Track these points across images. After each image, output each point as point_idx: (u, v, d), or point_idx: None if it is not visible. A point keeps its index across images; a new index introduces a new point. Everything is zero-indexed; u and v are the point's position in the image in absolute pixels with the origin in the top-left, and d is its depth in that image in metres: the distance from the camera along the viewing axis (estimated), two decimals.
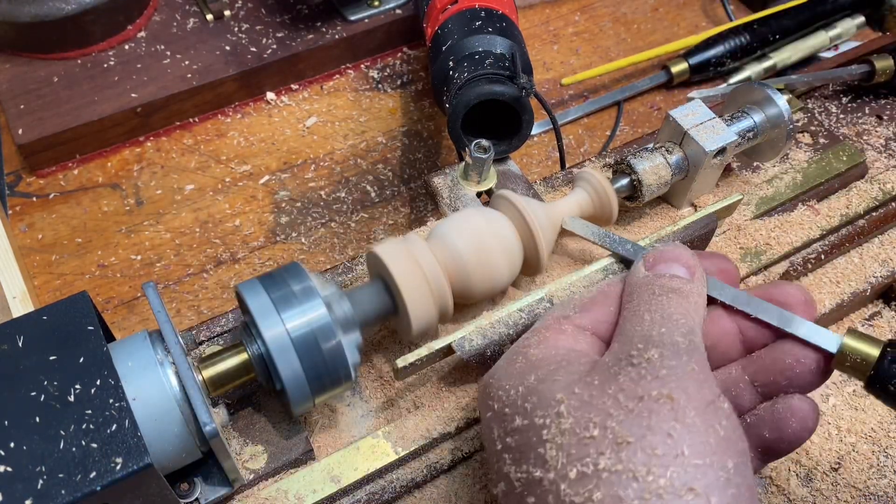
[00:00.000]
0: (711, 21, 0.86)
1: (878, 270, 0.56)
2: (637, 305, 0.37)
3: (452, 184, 0.52)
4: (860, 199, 0.57)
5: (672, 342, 0.34)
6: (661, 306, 0.36)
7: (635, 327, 0.35)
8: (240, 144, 0.72)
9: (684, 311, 0.36)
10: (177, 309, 0.61)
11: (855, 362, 0.36)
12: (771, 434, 0.37)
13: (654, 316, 0.35)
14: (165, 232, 0.66)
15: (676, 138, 0.51)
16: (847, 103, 0.67)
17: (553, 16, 0.85)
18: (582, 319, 0.38)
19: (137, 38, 0.74)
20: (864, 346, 0.36)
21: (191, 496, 0.40)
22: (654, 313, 0.35)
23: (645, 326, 0.35)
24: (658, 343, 0.33)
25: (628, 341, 0.34)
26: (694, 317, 0.36)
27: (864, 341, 0.37)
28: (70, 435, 0.33)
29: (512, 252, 0.44)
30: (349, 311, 0.40)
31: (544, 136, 0.74)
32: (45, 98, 0.69)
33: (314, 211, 0.67)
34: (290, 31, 0.75)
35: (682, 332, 0.34)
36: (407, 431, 0.44)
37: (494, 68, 0.52)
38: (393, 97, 0.77)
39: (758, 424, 0.38)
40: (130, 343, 0.38)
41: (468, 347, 0.42)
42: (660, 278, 0.38)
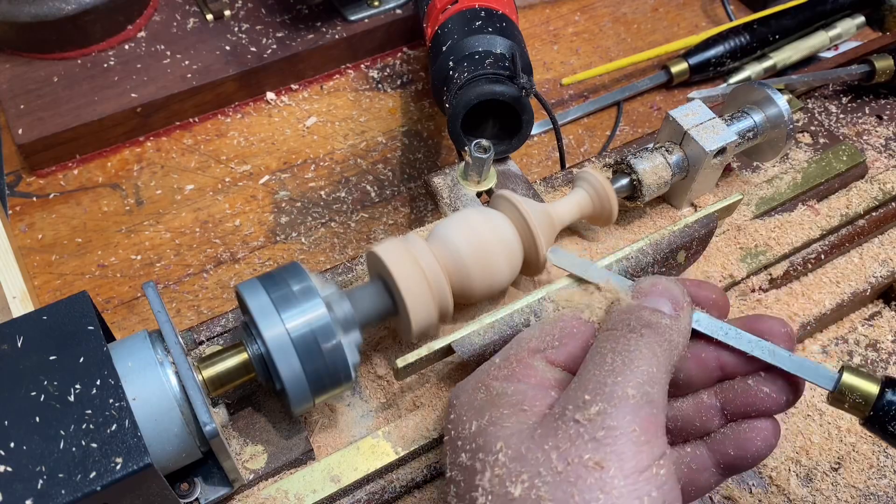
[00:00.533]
0: (711, 21, 0.86)
1: (878, 270, 0.56)
2: (605, 340, 0.35)
3: (452, 184, 0.52)
4: (860, 199, 0.57)
5: (622, 395, 0.32)
6: (628, 347, 0.34)
7: (593, 371, 0.34)
8: (240, 144, 0.72)
9: (652, 352, 0.34)
10: (177, 309, 0.61)
11: (853, 401, 0.36)
12: (735, 452, 0.37)
13: (616, 359, 0.34)
14: (165, 232, 0.66)
15: (676, 138, 0.51)
16: (847, 103, 0.67)
17: (553, 16, 0.85)
18: (557, 356, 0.37)
19: (137, 38, 0.74)
20: (862, 383, 0.35)
21: (191, 496, 0.40)
22: (617, 355, 0.34)
23: (603, 371, 0.33)
24: (606, 396, 0.32)
25: (582, 388, 0.33)
26: (661, 360, 0.34)
27: (862, 378, 0.36)
28: (70, 435, 0.33)
29: (512, 252, 0.44)
30: (349, 311, 0.40)
31: (544, 136, 0.74)
32: (45, 98, 0.69)
33: (314, 211, 0.67)
34: (290, 31, 0.75)
35: (637, 383, 0.33)
36: (407, 431, 0.44)
37: (494, 68, 0.52)
38: (393, 97, 0.77)
39: (722, 442, 0.37)
40: (130, 343, 0.38)
41: (468, 347, 0.42)
42: (641, 310, 0.36)
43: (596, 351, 0.35)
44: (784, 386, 0.37)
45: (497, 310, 0.43)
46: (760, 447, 0.37)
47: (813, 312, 0.54)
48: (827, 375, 0.36)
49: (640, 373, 0.33)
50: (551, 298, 0.43)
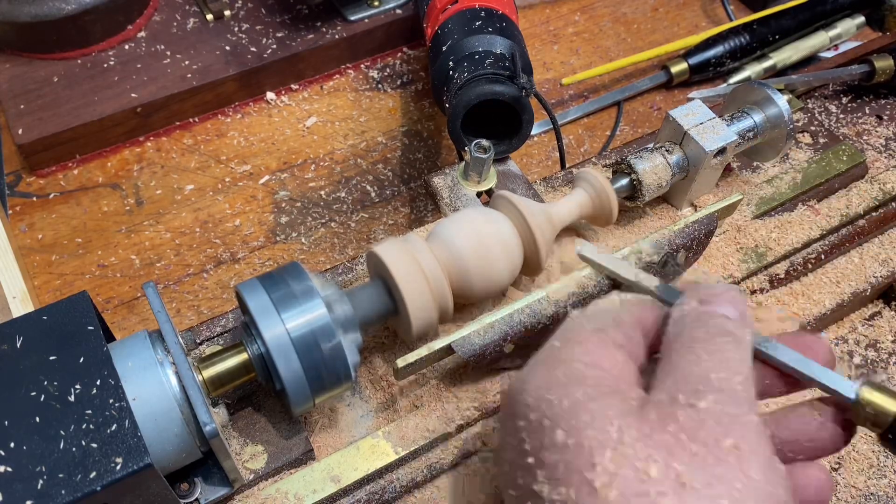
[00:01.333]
0: (711, 21, 0.86)
1: (878, 270, 0.56)
2: (690, 341, 0.34)
3: (452, 184, 0.52)
4: (860, 199, 0.57)
5: (732, 389, 0.32)
6: (719, 348, 0.33)
7: (692, 366, 0.33)
8: (240, 144, 0.72)
9: (740, 357, 0.33)
10: (177, 309, 0.61)
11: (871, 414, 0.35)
12: None
13: (713, 357, 0.33)
14: (165, 232, 0.66)
15: (676, 138, 0.51)
16: (847, 103, 0.67)
17: (553, 16, 0.85)
18: (617, 336, 0.36)
19: (137, 38, 0.74)
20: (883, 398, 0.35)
21: (191, 496, 0.40)
22: (713, 355, 0.33)
23: (703, 367, 0.33)
24: (718, 388, 0.31)
25: (683, 379, 0.32)
26: (748, 364, 0.34)
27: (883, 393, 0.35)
28: (70, 435, 0.33)
29: (512, 252, 0.44)
30: (349, 311, 0.40)
31: (544, 136, 0.74)
32: (45, 98, 0.69)
33: (314, 211, 0.67)
34: (290, 31, 0.75)
35: (740, 381, 0.32)
36: (407, 431, 0.44)
37: (494, 68, 0.52)
38: (393, 97, 0.77)
39: None
40: (130, 343, 0.38)
41: (468, 347, 0.42)
42: (714, 317, 0.35)
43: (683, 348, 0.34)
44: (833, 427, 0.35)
45: (497, 310, 0.43)
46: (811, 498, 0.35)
47: (813, 312, 0.54)
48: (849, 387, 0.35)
49: (739, 372, 0.33)
50: (550, 297, 0.43)
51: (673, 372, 0.33)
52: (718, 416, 0.30)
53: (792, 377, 0.36)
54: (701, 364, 0.33)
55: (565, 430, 0.31)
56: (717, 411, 0.30)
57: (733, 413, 0.31)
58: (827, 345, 0.37)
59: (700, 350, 0.34)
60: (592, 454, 0.29)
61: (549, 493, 0.30)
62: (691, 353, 0.34)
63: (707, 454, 0.29)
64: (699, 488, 0.28)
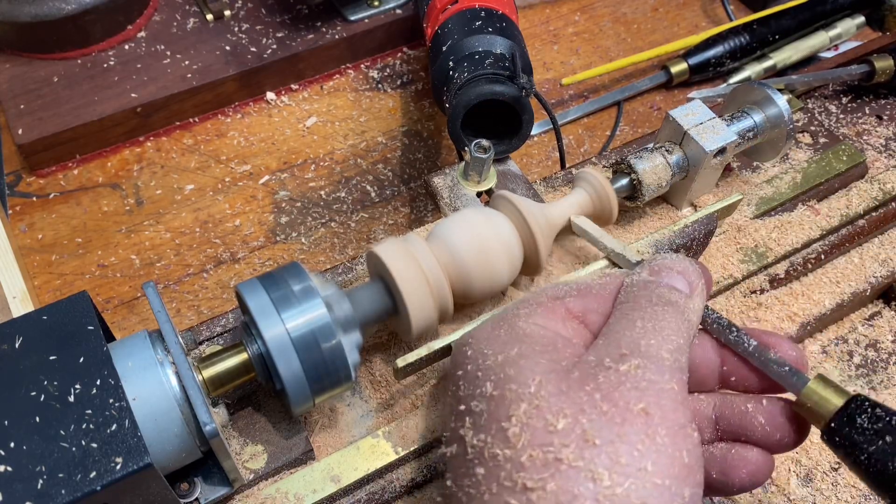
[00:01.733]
0: (711, 21, 0.86)
1: (878, 270, 0.56)
2: (631, 308, 0.36)
3: (452, 184, 0.52)
4: (860, 199, 0.57)
5: (658, 356, 0.33)
6: (656, 316, 0.35)
7: (625, 330, 0.34)
8: (240, 144, 0.72)
9: (677, 327, 0.35)
10: (177, 309, 0.61)
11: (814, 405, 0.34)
12: (718, 476, 0.37)
13: (647, 325, 0.34)
14: (165, 232, 0.66)
15: (676, 138, 0.51)
16: (847, 103, 0.67)
17: (553, 16, 0.85)
18: (574, 305, 0.38)
19: (137, 38, 0.74)
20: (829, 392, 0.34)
21: (191, 496, 0.40)
22: (647, 322, 0.35)
23: (635, 333, 0.34)
24: (644, 354, 0.33)
25: (615, 343, 0.34)
26: (684, 335, 0.35)
27: (831, 388, 0.35)
28: (70, 435, 0.33)
29: (512, 252, 0.44)
30: (349, 311, 0.40)
31: (544, 136, 0.74)
32: (45, 98, 0.69)
33: (314, 211, 0.68)
34: (290, 31, 0.75)
35: (669, 349, 0.34)
36: (407, 431, 0.44)
37: (494, 68, 0.52)
38: (393, 97, 0.77)
39: (708, 461, 0.37)
40: (130, 343, 0.38)
41: None
42: (660, 287, 0.37)
43: (622, 314, 0.36)
44: (783, 423, 0.36)
45: (497, 310, 0.43)
46: (745, 480, 0.36)
47: (813, 312, 0.54)
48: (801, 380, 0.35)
49: (671, 341, 0.34)
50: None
51: (608, 334, 0.35)
52: (636, 381, 0.32)
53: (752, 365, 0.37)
54: (634, 330, 0.34)
55: (493, 382, 0.33)
56: (636, 376, 0.32)
57: (652, 379, 0.32)
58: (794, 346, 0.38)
59: (637, 317, 0.35)
60: (510, 405, 0.32)
61: (470, 439, 0.32)
62: (627, 318, 0.35)
63: (616, 414, 0.31)
64: (600, 444, 0.30)
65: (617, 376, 0.32)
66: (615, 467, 0.29)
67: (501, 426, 0.31)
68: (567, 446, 0.30)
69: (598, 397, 0.31)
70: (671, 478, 0.30)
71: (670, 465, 0.30)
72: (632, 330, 0.34)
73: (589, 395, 0.31)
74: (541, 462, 0.30)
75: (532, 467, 0.30)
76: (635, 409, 0.31)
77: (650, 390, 0.32)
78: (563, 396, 0.31)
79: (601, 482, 0.29)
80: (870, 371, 0.55)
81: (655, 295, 0.36)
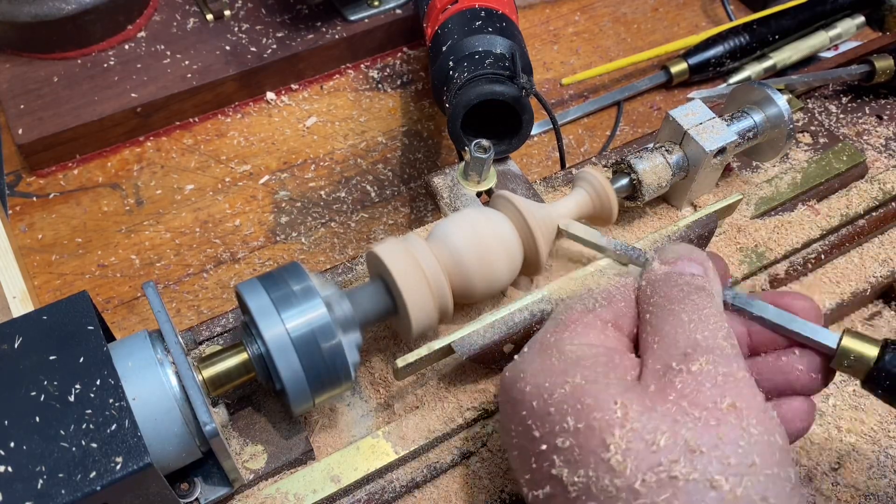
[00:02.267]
0: (711, 21, 0.86)
1: (878, 270, 0.56)
2: (668, 303, 0.36)
3: (452, 184, 0.52)
4: (860, 199, 0.57)
5: (719, 347, 0.33)
6: (695, 306, 0.35)
7: (676, 329, 0.34)
8: (240, 144, 0.72)
9: (716, 311, 0.35)
10: (177, 309, 0.61)
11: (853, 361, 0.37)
12: None
13: (692, 317, 0.35)
14: (165, 232, 0.66)
15: (676, 138, 0.51)
16: (847, 103, 0.67)
17: (553, 16, 0.85)
18: (606, 314, 0.38)
19: (137, 38, 0.74)
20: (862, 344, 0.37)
21: (191, 496, 0.40)
22: (692, 314, 0.35)
23: (686, 328, 0.34)
24: (706, 348, 0.33)
25: (671, 343, 0.34)
26: (723, 316, 0.36)
27: (863, 340, 0.37)
28: (70, 435, 0.33)
29: (512, 252, 0.44)
30: (349, 311, 0.40)
31: (544, 136, 0.74)
32: (45, 98, 0.69)
33: (314, 211, 0.67)
34: (290, 31, 0.75)
35: (723, 336, 0.34)
36: (407, 431, 0.44)
37: (494, 68, 0.52)
38: (393, 97, 0.77)
39: None
40: (130, 343, 0.38)
41: (468, 347, 0.42)
42: (683, 276, 0.37)
43: (663, 312, 0.36)
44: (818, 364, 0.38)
45: (497, 310, 0.43)
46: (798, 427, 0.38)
47: None
48: (831, 337, 0.38)
49: (719, 327, 0.34)
50: (550, 297, 0.43)
51: (659, 337, 0.35)
52: (713, 377, 0.32)
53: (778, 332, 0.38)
54: (684, 325, 0.34)
55: (573, 414, 0.32)
56: (710, 372, 0.32)
57: (725, 372, 0.32)
58: (811, 301, 0.39)
59: (679, 311, 0.35)
60: (602, 434, 0.31)
61: (569, 477, 0.31)
62: (671, 314, 0.35)
63: (709, 417, 0.30)
64: (707, 451, 0.29)
65: (693, 378, 0.32)
66: (728, 470, 0.29)
67: (601, 457, 0.30)
68: (677, 462, 0.29)
69: (686, 404, 0.31)
70: (776, 465, 0.30)
71: (771, 453, 0.30)
72: (681, 326, 0.34)
73: (675, 403, 0.31)
74: (656, 483, 0.29)
75: (650, 491, 0.29)
76: (723, 406, 0.31)
77: (728, 384, 0.32)
78: (652, 413, 0.31)
79: (721, 488, 0.28)
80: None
81: (684, 284, 0.37)
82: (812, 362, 0.38)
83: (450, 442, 0.45)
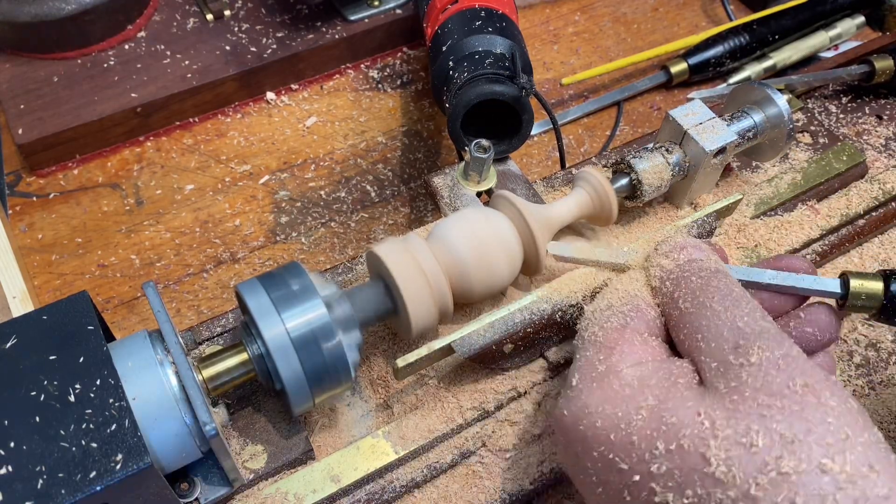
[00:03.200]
0: (711, 21, 0.86)
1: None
2: (694, 296, 0.36)
3: (452, 184, 0.52)
4: (860, 199, 0.57)
5: (763, 329, 0.33)
6: (722, 292, 0.35)
7: (715, 322, 0.34)
8: (240, 144, 0.72)
9: (740, 290, 0.35)
10: (177, 309, 0.61)
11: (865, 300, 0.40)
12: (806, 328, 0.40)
13: (725, 304, 0.34)
14: (165, 232, 0.66)
15: (676, 138, 0.51)
16: (847, 103, 0.67)
17: (553, 16, 0.85)
18: (640, 325, 0.37)
19: (137, 38, 0.74)
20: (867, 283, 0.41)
21: (191, 496, 0.40)
22: (722, 301, 0.35)
23: (725, 318, 0.34)
24: (752, 334, 0.33)
25: (720, 338, 0.33)
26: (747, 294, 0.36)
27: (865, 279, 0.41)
28: (70, 435, 0.33)
29: (512, 252, 0.44)
30: (349, 311, 0.40)
31: (544, 136, 0.74)
32: (45, 98, 0.69)
33: (314, 211, 0.67)
34: (290, 31, 0.75)
35: (761, 315, 0.34)
36: (407, 431, 0.44)
37: (494, 68, 0.52)
38: (393, 97, 0.77)
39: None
40: (130, 343, 0.38)
41: (468, 347, 0.42)
42: (695, 262, 0.37)
43: (695, 305, 0.36)
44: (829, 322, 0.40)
45: (497, 310, 0.43)
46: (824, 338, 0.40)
47: None
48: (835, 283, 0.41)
49: (753, 308, 0.34)
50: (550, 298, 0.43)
51: (701, 334, 0.34)
52: (775, 363, 0.31)
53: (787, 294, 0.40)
54: (720, 316, 0.34)
55: (660, 438, 0.31)
56: (770, 358, 0.32)
57: (781, 354, 0.32)
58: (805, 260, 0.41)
59: (708, 301, 0.35)
60: (699, 449, 0.30)
61: (676, 500, 0.31)
62: (703, 307, 0.35)
63: (792, 403, 0.30)
64: (804, 438, 0.29)
65: (757, 369, 0.32)
66: (830, 450, 0.29)
67: (705, 473, 0.30)
68: (781, 457, 0.29)
69: (764, 397, 0.31)
70: (864, 431, 0.30)
71: (854, 420, 0.30)
72: (718, 317, 0.34)
73: (753, 399, 0.31)
74: (770, 484, 0.29)
75: (766, 494, 0.29)
76: (799, 389, 0.31)
77: (791, 365, 0.31)
78: (737, 415, 0.31)
79: (832, 470, 0.28)
80: (870, 371, 0.55)
81: (700, 271, 0.37)
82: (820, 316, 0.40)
83: (450, 442, 0.45)
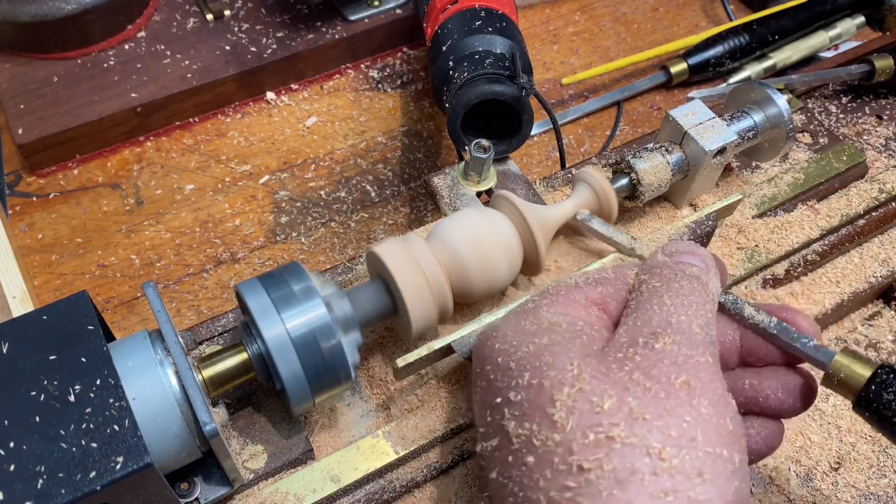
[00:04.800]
0: (711, 21, 0.86)
1: (878, 270, 0.56)
2: (657, 286, 0.37)
3: (452, 184, 0.52)
4: (860, 199, 0.57)
5: (690, 331, 0.34)
6: (682, 292, 0.36)
7: (654, 308, 0.35)
8: (240, 144, 0.72)
9: (703, 300, 0.36)
10: (177, 309, 0.61)
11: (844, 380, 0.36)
12: None
13: (675, 301, 0.35)
14: (165, 232, 0.66)
15: (676, 138, 0.51)
16: (847, 103, 0.67)
17: (553, 16, 0.85)
18: (592, 292, 0.38)
19: (137, 38, 0.74)
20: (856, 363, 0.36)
21: (191, 496, 0.40)
22: (675, 298, 0.35)
23: (665, 310, 0.35)
24: (676, 330, 0.34)
25: (646, 322, 0.35)
26: (710, 309, 0.36)
27: (858, 360, 0.36)
28: (70, 435, 0.33)
29: (512, 252, 0.44)
30: (349, 311, 0.40)
31: (544, 136, 0.74)
32: (45, 98, 0.69)
33: (314, 211, 0.68)
34: (290, 31, 0.75)
35: (700, 324, 0.35)
36: (407, 431, 0.44)
37: (494, 68, 0.52)
38: (393, 97, 0.77)
39: None
40: (130, 343, 0.38)
41: (468, 347, 0.42)
42: (680, 264, 0.38)
43: (650, 292, 0.36)
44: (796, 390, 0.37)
45: (497, 310, 0.43)
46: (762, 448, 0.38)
47: (813, 312, 0.54)
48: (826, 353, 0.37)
49: (699, 315, 0.35)
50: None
51: (636, 314, 0.36)
52: (674, 356, 0.32)
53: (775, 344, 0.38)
54: (663, 307, 0.35)
55: (530, 370, 0.33)
56: (672, 351, 0.33)
57: (687, 353, 0.33)
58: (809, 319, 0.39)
59: (663, 293, 0.36)
60: (552, 391, 0.32)
61: (514, 429, 0.32)
62: (655, 296, 0.36)
63: (659, 390, 0.31)
64: (650, 419, 0.30)
65: (654, 353, 0.33)
66: (667, 440, 0.30)
67: (546, 412, 0.32)
68: (617, 425, 0.30)
69: (639, 375, 0.32)
70: (720, 445, 0.30)
71: (717, 434, 0.31)
72: (661, 307, 0.35)
73: (629, 373, 0.32)
74: (593, 442, 0.30)
75: (585, 449, 0.30)
76: (677, 382, 0.31)
77: (687, 364, 0.32)
78: (604, 378, 0.32)
79: (657, 455, 0.29)
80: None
81: (678, 270, 0.37)
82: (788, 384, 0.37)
83: (450, 442, 0.45)
